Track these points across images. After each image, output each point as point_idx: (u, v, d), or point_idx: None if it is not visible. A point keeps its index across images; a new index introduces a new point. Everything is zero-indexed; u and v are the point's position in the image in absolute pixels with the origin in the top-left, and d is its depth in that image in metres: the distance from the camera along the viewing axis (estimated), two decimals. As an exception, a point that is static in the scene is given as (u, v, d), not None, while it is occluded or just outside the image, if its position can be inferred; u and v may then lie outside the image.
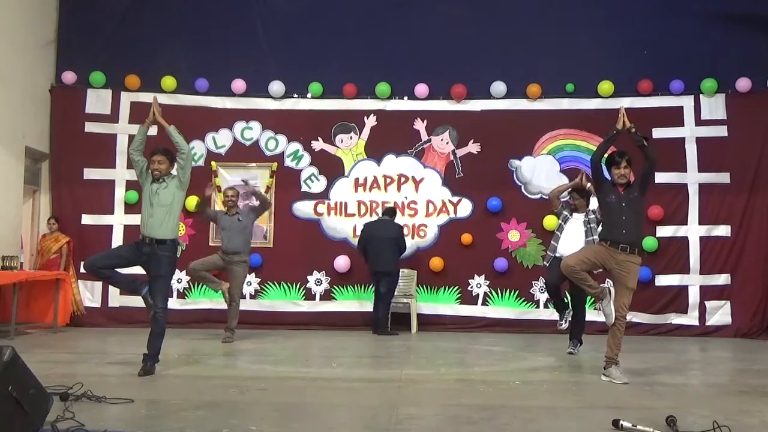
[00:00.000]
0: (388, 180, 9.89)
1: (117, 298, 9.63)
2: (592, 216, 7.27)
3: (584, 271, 5.72)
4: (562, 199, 7.66)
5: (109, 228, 9.84)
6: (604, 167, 5.87)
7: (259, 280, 9.80)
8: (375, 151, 10.00)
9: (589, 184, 7.67)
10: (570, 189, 7.58)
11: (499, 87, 9.90)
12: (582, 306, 7.35)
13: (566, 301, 7.33)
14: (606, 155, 5.84)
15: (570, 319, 7.23)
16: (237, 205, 8.35)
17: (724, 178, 9.54)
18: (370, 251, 9.09)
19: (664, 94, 9.74)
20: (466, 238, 9.70)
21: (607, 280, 6.70)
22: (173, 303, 9.03)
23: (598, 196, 5.91)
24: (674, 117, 9.66)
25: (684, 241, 9.56)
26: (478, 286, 9.71)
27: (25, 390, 3.56)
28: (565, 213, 7.43)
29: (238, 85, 10.03)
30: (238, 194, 8.43)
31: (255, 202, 8.62)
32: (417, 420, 4.35)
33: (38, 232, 9.74)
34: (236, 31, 10.10)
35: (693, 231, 9.55)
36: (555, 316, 7.54)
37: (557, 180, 9.26)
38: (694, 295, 9.44)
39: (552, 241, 7.45)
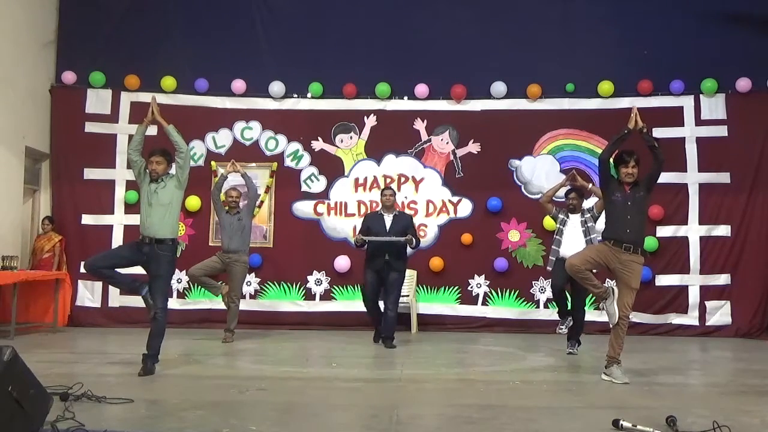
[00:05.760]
0: (388, 180, 9.88)
1: (117, 298, 9.63)
2: (588, 215, 7.28)
3: (588, 270, 5.73)
4: (557, 201, 7.64)
5: (109, 228, 9.83)
6: (612, 166, 5.87)
7: (259, 280, 9.80)
8: (375, 151, 9.99)
9: (590, 185, 7.67)
10: (567, 190, 7.57)
11: (499, 87, 9.90)
12: (581, 307, 7.35)
13: (569, 308, 7.32)
14: (614, 154, 5.85)
15: (570, 325, 7.24)
16: (239, 206, 8.36)
17: (724, 178, 9.54)
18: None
19: (664, 94, 9.74)
20: (466, 238, 9.69)
21: (607, 279, 6.70)
22: (173, 303, 9.04)
23: (604, 194, 5.91)
24: (674, 117, 9.66)
25: (684, 241, 9.56)
26: (478, 286, 9.71)
27: (25, 390, 3.56)
28: (562, 216, 7.42)
29: (238, 85, 10.03)
30: (240, 195, 8.43)
31: (244, 189, 8.51)
32: (417, 420, 4.35)
33: (38, 232, 9.72)
34: (236, 31, 10.10)
35: (693, 231, 9.55)
36: (555, 316, 7.55)
37: (557, 180, 9.24)
38: (694, 295, 9.43)
39: (553, 246, 7.43)
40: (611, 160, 5.84)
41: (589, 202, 7.73)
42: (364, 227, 8.02)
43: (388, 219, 7.92)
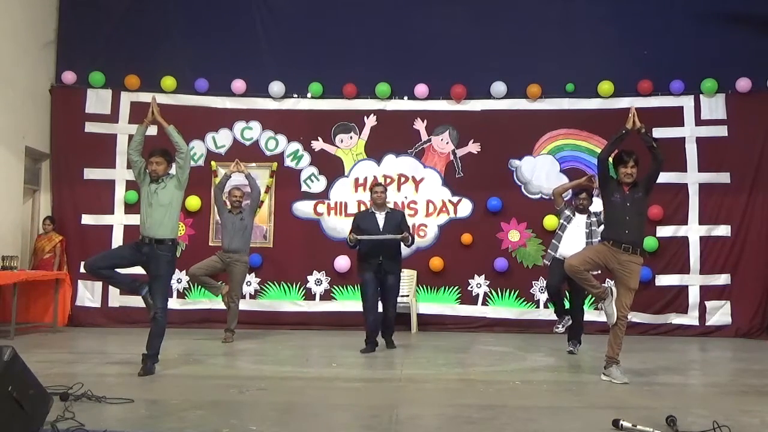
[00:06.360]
0: (388, 180, 9.87)
1: (117, 298, 9.63)
2: (594, 219, 7.24)
3: (587, 270, 5.73)
4: (564, 198, 7.62)
5: (109, 228, 9.83)
6: (610, 166, 5.87)
7: (259, 280, 9.80)
8: (375, 151, 10.00)
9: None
10: (577, 189, 7.53)
11: (499, 87, 9.90)
12: (581, 306, 7.36)
13: (566, 307, 7.32)
14: (613, 154, 5.85)
15: (567, 325, 7.24)
16: (242, 205, 8.36)
17: (724, 178, 9.54)
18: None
19: (664, 94, 9.74)
20: (466, 238, 9.70)
21: (607, 279, 6.70)
22: (173, 303, 9.04)
23: (603, 194, 5.91)
24: (674, 117, 9.66)
25: (684, 241, 9.56)
26: (478, 286, 9.71)
27: (25, 390, 3.56)
28: (568, 213, 7.37)
29: (238, 85, 10.03)
30: (244, 195, 8.43)
31: (247, 189, 8.52)
32: (417, 420, 4.35)
33: (38, 232, 9.72)
34: (236, 31, 10.10)
35: (693, 231, 9.55)
36: (555, 315, 7.54)
37: (557, 180, 9.27)
38: (694, 295, 9.44)
39: (553, 240, 7.42)
40: (610, 160, 5.84)
41: (597, 206, 7.67)
42: (355, 226, 7.62)
43: (380, 217, 7.55)
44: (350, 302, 9.67)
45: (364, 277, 7.46)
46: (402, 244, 7.51)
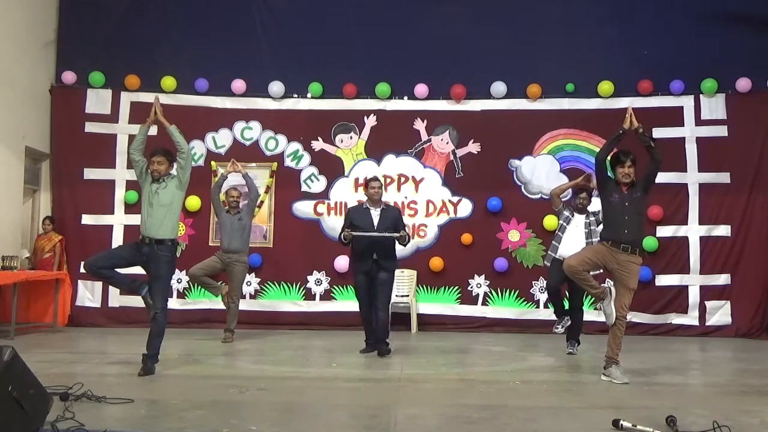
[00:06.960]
0: (388, 180, 9.88)
1: (117, 298, 9.63)
2: (593, 218, 7.25)
3: (586, 271, 5.73)
4: (563, 199, 7.62)
5: (109, 228, 9.83)
6: (608, 166, 5.87)
7: (259, 280, 9.80)
8: (375, 151, 10.00)
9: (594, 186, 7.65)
10: (577, 189, 7.53)
11: (499, 87, 9.90)
12: (579, 307, 7.36)
13: (566, 307, 7.32)
14: (611, 154, 5.85)
15: (566, 325, 7.24)
16: (239, 206, 8.36)
17: (724, 178, 9.54)
18: None
19: (664, 94, 9.74)
20: (466, 238, 9.70)
21: (608, 280, 6.70)
22: (173, 303, 9.04)
23: (601, 194, 5.91)
24: (674, 117, 9.66)
25: (684, 241, 9.56)
26: (478, 286, 9.71)
27: (25, 390, 3.56)
28: (566, 213, 7.38)
29: (238, 85, 10.03)
30: (241, 195, 8.44)
31: (244, 189, 8.51)
32: (417, 420, 4.35)
33: (38, 232, 9.72)
34: (236, 31, 10.10)
35: (693, 231, 9.54)
36: (555, 316, 7.54)
37: (557, 180, 9.27)
38: (694, 295, 9.43)
39: (553, 241, 7.43)
40: (608, 159, 5.85)
41: (595, 206, 7.69)
42: (347, 222, 7.19)
43: (375, 213, 7.17)
44: (350, 302, 9.60)
45: (357, 280, 7.21)
46: (397, 242, 7.19)
